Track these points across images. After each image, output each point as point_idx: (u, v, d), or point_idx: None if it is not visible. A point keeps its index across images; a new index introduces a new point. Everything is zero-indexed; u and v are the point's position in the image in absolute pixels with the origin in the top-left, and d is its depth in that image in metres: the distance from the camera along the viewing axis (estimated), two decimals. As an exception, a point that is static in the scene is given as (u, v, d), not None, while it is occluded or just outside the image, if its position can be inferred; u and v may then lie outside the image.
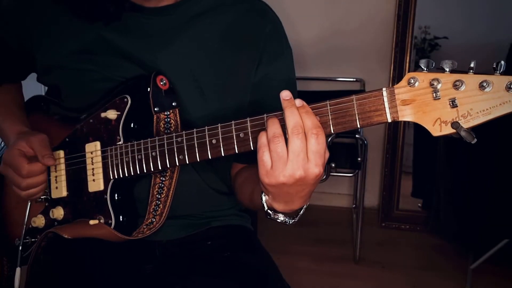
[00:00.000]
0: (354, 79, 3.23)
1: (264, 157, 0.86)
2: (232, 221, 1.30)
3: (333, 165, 2.66)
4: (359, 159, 2.76)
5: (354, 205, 3.12)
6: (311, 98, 0.88)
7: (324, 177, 2.70)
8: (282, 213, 0.96)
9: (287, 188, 0.87)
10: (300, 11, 3.23)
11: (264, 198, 0.95)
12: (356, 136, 2.80)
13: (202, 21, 1.17)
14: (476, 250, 2.62)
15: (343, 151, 2.92)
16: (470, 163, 2.53)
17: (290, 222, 0.98)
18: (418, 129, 0.79)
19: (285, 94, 0.85)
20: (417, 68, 0.79)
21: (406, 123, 3.10)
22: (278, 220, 0.97)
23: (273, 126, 0.85)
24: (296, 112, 0.84)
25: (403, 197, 3.23)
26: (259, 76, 1.19)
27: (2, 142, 1.35)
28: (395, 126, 3.16)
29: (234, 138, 0.93)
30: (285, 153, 0.84)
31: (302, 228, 3.10)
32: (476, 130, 0.77)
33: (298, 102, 0.85)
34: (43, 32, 1.19)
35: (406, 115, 0.81)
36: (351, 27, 3.19)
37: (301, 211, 0.97)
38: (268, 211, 0.96)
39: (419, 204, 3.16)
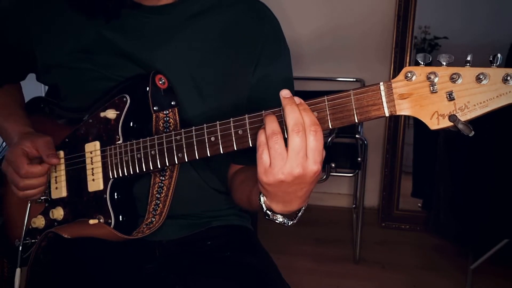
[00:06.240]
0: (354, 79, 3.23)
1: (264, 155, 0.86)
2: (232, 221, 1.30)
3: (333, 165, 2.66)
4: (359, 159, 2.75)
5: (354, 205, 3.11)
6: (310, 98, 0.88)
7: (324, 177, 2.71)
8: (281, 214, 0.96)
9: (285, 186, 0.87)
10: (299, 11, 3.23)
11: (262, 199, 0.95)
12: (356, 136, 2.79)
13: (200, 21, 1.17)
14: (476, 250, 2.62)
15: (343, 151, 2.91)
16: (470, 163, 2.53)
17: (289, 224, 0.98)
18: (418, 128, 0.80)
19: (285, 93, 0.86)
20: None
21: (406, 122, 3.12)
22: (277, 221, 0.97)
23: (272, 124, 0.85)
24: (296, 110, 0.84)
25: (403, 197, 3.23)
26: (257, 76, 1.19)
27: (4, 143, 1.34)
28: (395, 126, 3.15)
29: (233, 135, 0.93)
30: (284, 150, 0.84)
31: (302, 228, 3.09)
32: (476, 130, 0.77)
33: (297, 99, 0.85)
34: (43, 31, 1.19)
35: (404, 109, 0.80)
36: (351, 27, 3.19)
37: (300, 213, 0.97)
38: (267, 211, 0.96)
39: (419, 204, 3.16)
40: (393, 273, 2.70)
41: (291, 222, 0.98)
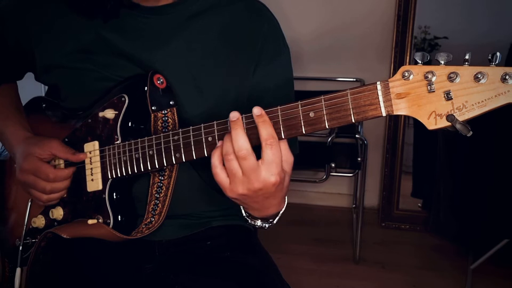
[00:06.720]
0: (354, 79, 3.22)
1: (219, 178, 0.91)
2: (232, 221, 1.30)
3: (333, 165, 2.66)
4: (359, 159, 2.75)
5: (354, 205, 3.11)
6: (309, 98, 0.88)
7: (324, 177, 2.71)
8: (260, 218, 1.00)
9: (250, 198, 0.91)
10: (299, 11, 3.23)
11: (242, 205, 0.98)
12: (356, 136, 2.80)
13: (200, 21, 1.17)
14: (476, 250, 2.63)
15: (343, 151, 2.91)
16: (470, 163, 2.52)
17: (267, 227, 1.02)
18: (418, 128, 0.79)
19: (232, 115, 0.89)
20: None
21: (406, 122, 3.11)
22: (256, 226, 1.02)
23: (226, 145, 0.89)
24: (241, 134, 0.87)
25: (403, 197, 3.22)
26: (257, 76, 1.19)
27: (2, 146, 1.35)
28: (395, 126, 3.15)
29: None
30: (239, 170, 0.88)
31: (302, 228, 3.10)
32: (476, 130, 0.76)
33: (257, 110, 0.88)
34: (42, 31, 1.19)
35: (401, 108, 0.80)
36: (351, 27, 3.19)
37: (278, 215, 1.01)
38: (246, 217, 1.01)
39: (419, 204, 3.16)
40: (393, 273, 2.70)
41: (270, 224, 1.02)
